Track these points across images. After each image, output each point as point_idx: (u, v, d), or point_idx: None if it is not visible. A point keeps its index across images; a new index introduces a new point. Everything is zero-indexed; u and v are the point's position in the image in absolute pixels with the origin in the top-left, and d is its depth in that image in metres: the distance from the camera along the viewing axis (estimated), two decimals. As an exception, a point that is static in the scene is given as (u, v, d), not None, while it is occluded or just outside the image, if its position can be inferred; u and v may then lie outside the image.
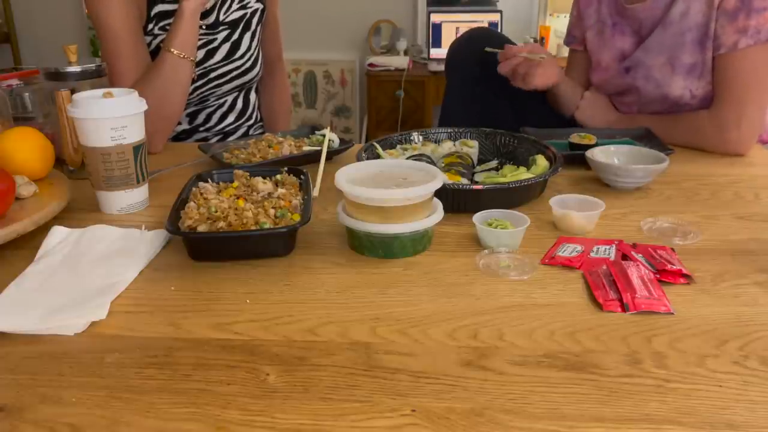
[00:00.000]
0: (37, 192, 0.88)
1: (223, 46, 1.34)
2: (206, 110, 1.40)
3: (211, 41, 1.33)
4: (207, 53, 1.32)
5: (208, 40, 1.32)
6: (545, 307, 0.65)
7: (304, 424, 0.49)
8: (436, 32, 3.22)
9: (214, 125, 1.41)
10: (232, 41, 1.35)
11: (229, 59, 1.35)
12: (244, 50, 1.38)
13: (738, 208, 0.91)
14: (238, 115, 1.44)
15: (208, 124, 1.41)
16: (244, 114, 1.46)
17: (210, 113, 1.40)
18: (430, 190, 0.74)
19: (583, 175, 1.05)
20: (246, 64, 1.39)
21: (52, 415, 0.50)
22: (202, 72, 1.32)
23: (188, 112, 1.38)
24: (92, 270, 0.72)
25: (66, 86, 0.98)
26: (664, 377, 0.53)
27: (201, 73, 1.32)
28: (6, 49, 3.68)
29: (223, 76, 1.36)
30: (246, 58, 1.38)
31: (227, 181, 0.90)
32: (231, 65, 1.36)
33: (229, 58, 1.35)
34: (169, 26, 1.23)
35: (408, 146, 1.10)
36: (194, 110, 1.39)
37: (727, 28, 1.11)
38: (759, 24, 1.08)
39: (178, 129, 1.39)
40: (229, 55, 1.35)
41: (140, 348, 0.59)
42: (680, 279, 0.69)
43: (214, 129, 1.41)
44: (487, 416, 0.49)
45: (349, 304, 0.66)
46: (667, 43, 1.19)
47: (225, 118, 1.42)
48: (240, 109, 1.44)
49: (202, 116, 1.40)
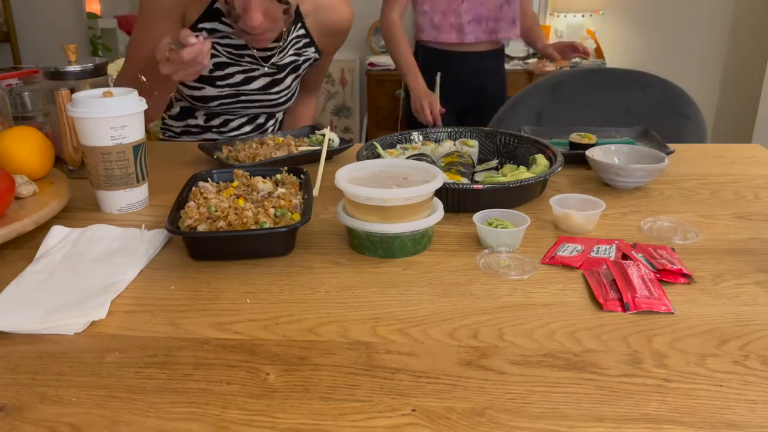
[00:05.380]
0: (36, 191, 0.88)
1: (263, 78, 1.32)
2: (225, 116, 1.38)
3: (253, 70, 1.30)
4: (245, 79, 1.30)
5: (250, 68, 1.30)
6: (545, 306, 0.65)
7: (304, 423, 0.48)
8: (436, 32, 3.21)
9: (229, 131, 1.39)
10: (273, 78, 1.33)
11: (266, 91, 1.34)
12: (283, 87, 1.36)
13: (738, 208, 0.91)
14: (255, 127, 1.42)
15: (224, 128, 1.38)
16: (262, 127, 1.43)
17: (228, 120, 1.38)
18: (430, 189, 0.74)
19: (583, 174, 1.05)
20: (280, 99, 1.37)
21: (52, 414, 0.50)
22: (234, 92, 1.30)
23: (208, 113, 1.36)
24: (92, 269, 0.72)
25: (66, 85, 0.98)
26: (665, 377, 0.53)
27: (233, 93, 1.30)
28: (6, 49, 3.68)
29: (254, 102, 1.34)
30: (282, 94, 1.37)
31: (227, 180, 0.90)
32: (265, 96, 1.34)
33: (266, 90, 1.34)
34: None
35: (408, 146, 1.10)
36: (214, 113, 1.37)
37: None
38: None
39: (192, 122, 1.37)
40: (266, 87, 1.33)
41: (140, 348, 0.59)
42: (680, 279, 0.69)
43: (228, 135, 1.39)
44: (488, 416, 0.49)
45: (349, 303, 0.66)
46: None
47: (242, 128, 1.40)
48: (260, 123, 1.42)
49: (218, 120, 1.37)
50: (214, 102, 1.31)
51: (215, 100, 1.30)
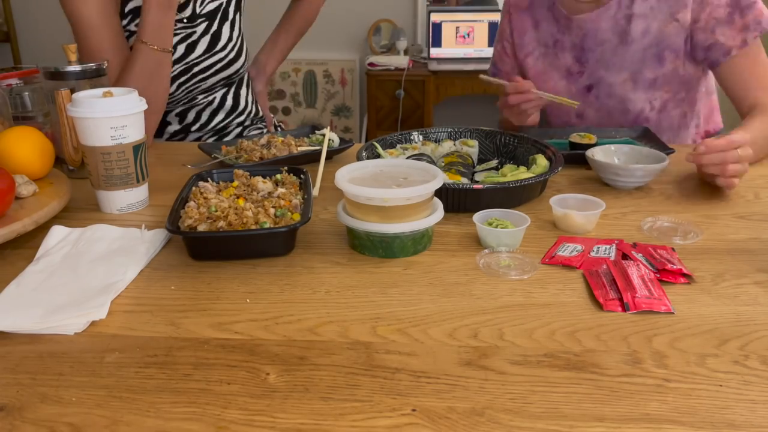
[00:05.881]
0: (36, 191, 0.88)
1: (203, 39, 1.32)
2: (195, 108, 1.38)
3: (190, 35, 1.30)
4: (187, 47, 1.30)
5: (186, 34, 1.30)
6: (545, 306, 0.65)
7: (304, 423, 0.48)
8: (436, 32, 3.22)
9: (205, 123, 1.40)
10: (211, 33, 1.33)
11: (211, 52, 1.33)
12: (225, 41, 1.35)
13: (738, 207, 0.91)
14: (228, 111, 1.42)
15: (199, 122, 1.39)
16: (235, 110, 1.44)
17: (199, 111, 1.39)
18: (430, 189, 0.74)
19: (583, 174, 1.05)
20: (229, 55, 1.36)
21: (52, 414, 0.50)
22: (185, 67, 1.31)
23: (177, 112, 1.37)
24: (92, 269, 0.72)
25: (66, 85, 0.98)
26: (665, 377, 0.53)
27: (184, 68, 1.31)
28: (6, 49, 3.68)
29: (206, 69, 1.34)
30: (228, 49, 1.36)
31: (227, 180, 0.90)
32: (213, 58, 1.34)
33: (210, 51, 1.33)
34: None
35: (408, 146, 1.10)
36: (183, 109, 1.37)
37: (728, 33, 1.16)
38: (755, 16, 1.14)
39: (170, 130, 1.38)
40: (210, 47, 1.33)
41: (140, 347, 0.59)
42: (680, 278, 0.69)
43: (207, 128, 1.40)
44: (488, 416, 0.49)
45: (349, 303, 0.66)
46: (629, 60, 1.24)
47: (215, 116, 1.41)
48: (230, 106, 1.43)
49: (191, 115, 1.38)
50: (173, 87, 1.30)
51: (172, 84, 1.29)
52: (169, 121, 1.37)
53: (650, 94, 1.26)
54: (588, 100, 1.31)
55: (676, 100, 1.28)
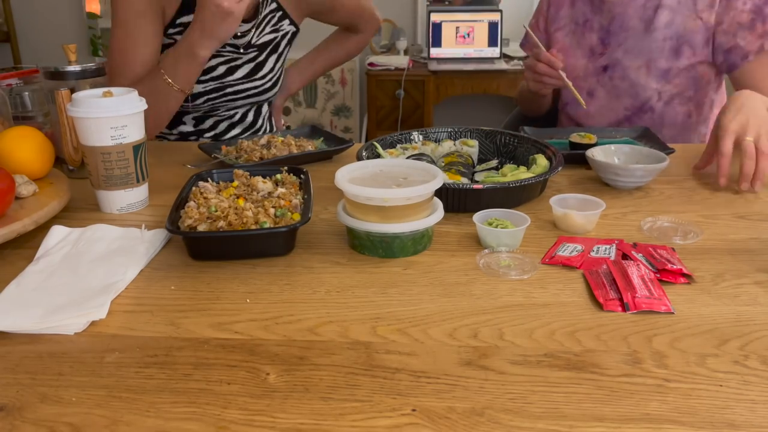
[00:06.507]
0: (36, 191, 0.88)
1: (247, 65, 1.31)
2: (214, 118, 1.37)
3: (235, 59, 1.30)
4: (228, 69, 1.29)
5: (232, 58, 1.29)
6: (545, 306, 0.65)
7: (304, 423, 0.48)
8: (436, 32, 3.22)
9: (221, 134, 1.39)
10: (257, 62, 1.33)
11: (250, 78, 1.33)
12: (267, 71, 1.35)
13: (738, 207, 0.91)
14: (246, 127, 1.41)
15: (214, 131, 1.38)
16: (253, 126, 1.43)
17: (217, 121, 1.38)
18: (430, 189, 0.74)
19: (583, 174, 1.05)
20: (266, 84, 1.36)
21: (52, 414, 0.50)
22: (219, 86, 1.30)
23: (195, 116, 1.35)
24: (92, 269, 0.72)
25: (66, 85, 0.98)
26: (665, 377, 0.53)
27: (218, 86, 1.29)
28: (6, 49, 3.68)
29: (239, 92, 1.33)
30: (267, 78, 1.36)
31: (227, 180, 0.90)
32: (250, 84, 1.33)
33: (250, 77, 1.33)
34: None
35: (408, 146, 1.10)
36: (202, 116, 1.36)
37: (749, 37, 1.22)
38: None
39: (183, 129, 1.36)
40: (250, 74, 1.32)
41: (140, 347, 0.59)
42: (680, 278, 0.69)
43: (221, 137, 1.38)
44: (488, 416, 0.49)
45: (349, 303, 0.66)
46: (647, 48, 1.29)
47: (232, 129, 1.40)
48: (250, 122, 1.42)
49: (209, 122, 1.37)
50: (200, 99, 1.30)
51: (201, 96, 1.29)
52: (184, 122, 1.36)
53: (660, 85, 1.30)
54: (602, 80, 1.36)
55: (684, 97, 1.31)
